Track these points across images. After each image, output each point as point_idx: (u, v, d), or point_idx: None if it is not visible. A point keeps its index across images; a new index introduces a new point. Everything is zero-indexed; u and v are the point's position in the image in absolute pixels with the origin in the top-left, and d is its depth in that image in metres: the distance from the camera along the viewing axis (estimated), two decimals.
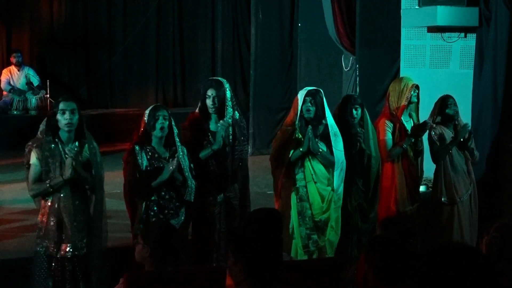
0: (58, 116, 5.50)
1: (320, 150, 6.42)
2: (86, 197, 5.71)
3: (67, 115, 5.48)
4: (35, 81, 13.60)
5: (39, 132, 5.66)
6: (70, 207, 5.58)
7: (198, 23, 14.95)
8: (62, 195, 5.56)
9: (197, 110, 6.52)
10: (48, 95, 12.78)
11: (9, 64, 13.67)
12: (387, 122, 7.11)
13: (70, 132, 5.55)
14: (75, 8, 14.76)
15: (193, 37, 15.08)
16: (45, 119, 5.63)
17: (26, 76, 13.63)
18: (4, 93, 13.54)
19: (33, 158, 5.54)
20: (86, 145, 5.66)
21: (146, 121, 5.96)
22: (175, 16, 15.12)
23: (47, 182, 5.50)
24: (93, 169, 5.67)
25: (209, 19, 14.59)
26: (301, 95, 6.52)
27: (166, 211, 5.98)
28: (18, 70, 13.60)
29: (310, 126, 6.42)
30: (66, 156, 5.47)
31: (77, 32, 14.72)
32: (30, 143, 5.62)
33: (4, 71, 13.65)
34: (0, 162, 10.97)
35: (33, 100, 12.94)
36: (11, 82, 13.59)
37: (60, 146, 5.54)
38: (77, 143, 5.61)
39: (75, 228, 5.59)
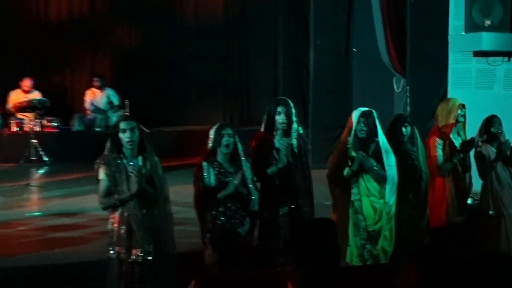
0: (120, 135, 5.57)
1: (373, 167, 6.38)
2: (152, 206, 5.74)
3: (128, 133, 5.55)
4: (115, 100, 13.79)
5: (105, 150, 5.73)
6: (138, 215, 5.63)
7: (262, 48, 14.99)
8: (132, 205, 5.62)
9: (262, 129, 6.53)
10: (128, 114, 12.90)
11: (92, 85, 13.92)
12: (438, 139, 7.06)
13: (132, 148, 5.60)
14: (150, 34, 14.94)
15: (257, 61, 15.14)
16: (109, 138, 5.70)
17: (107, 97, 13.85)
18: (88, 112, 13.78)
19: (102, 174, 5.61)
20: (148, 159, 5.70)
21: (212, 138, 6.01)
22: (241, 41, 15.21)
23: (115, 196, 5.57)
24: (155, 181, 5.71)
25: (272, 44, 14.61)
26: (355, 115, 6.49)
27: (233, 221, 6.00)
28: (100, 91, 13.83)
29: (361, 152, 6.37)
30: (131, 172, 5.52)
31: (152, 55, 14.88)
32: (98, 160, 5.69)
33: (88, 92, 13.89)
34: (84, 173, 11.12)
35: (113, 118, 13.09)
36: (94, 102, 13.82)
37: (124, 161, 5.60)
38: (140, 158, 5.66)
39: (143, 235, 5.63)
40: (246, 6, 15.12)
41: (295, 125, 6.45)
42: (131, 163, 5.59)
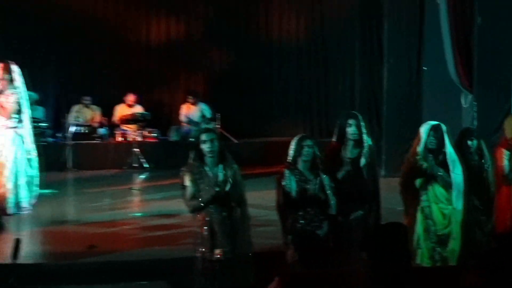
0: (202, 145, 5.64)
1: (439, 173, 6.33)
2: (232, 209, 5.77)
3: (208, 144, 5.63)
4: (208, 114, 13.94)
5: (190, 159, 5.80)
6: (219, 218, 5.69)
7: (340, 66, 14.92)
8: (212, 209, 5.68)
9: (334, 139, 6.54)
10: (219, 126, 13.02)
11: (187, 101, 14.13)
12: (505, 150, 6.97)
13: (213, 157, 5.66)
14: (239, 55, 15.03)
15: (335, 78, 15.07)
16: (193, 148, 5.77)
17: (200, 110, 14.02)
18: (184, 124, 13.98)
19: (187, 181, 5.70)
20: (228, 167, 5.75)
21: (294, 149, 6.02)
22: (320, 60, 15.16)
23: (199, 199, 5.64)
24: (234, 186, 5.75)
25: (349, 63, 14.52)
26: (425, 128, 6.45)
27: (312, 224, 5.99)
28: (194, 106, 14.01)
29: (431, 155, 6.36)
30: (217, 184, 5.57)
31: (240, 74, 14.97)
32: (183, 168, 5.78)
33: (184, 106, 14.10)
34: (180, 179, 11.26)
35: None
36: (189, 116, 14.01)
37: (206, 169, 5.66)
38: (220, 166, 5.70)
39: (224, 236, 5.69)
40: (326, 29, 15.07)
41: (365, 137, 6.42)
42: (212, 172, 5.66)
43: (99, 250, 7.38)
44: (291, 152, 6.04)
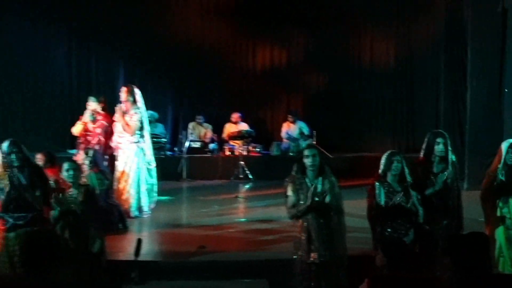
0: (304, 160, 5.65)
1: None
2: (329, 217, 5.73)
3: (310, 159, 5.64)
4: (306, 131, 13.93)
5: (292, 171, 5.80)
6: (317, 225, 5.67)
7: (425, 87, 14.52)
8: (310, 216, 5.64)
9: (422, 155, 6.41)
10: (315, 142, 12.92)
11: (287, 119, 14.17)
12: None
13: (314, 170, 5.65)
14: (334, 77, 14.94)
15: (421, 98, 14.70)
16: (296, 162, 5.77)
17: (299, 128, 14.02)
18: (284, 140, 14.02)
19: (289, 191, 5.73)
20: (327, 179, 5.70)
21: (384, 163, 5.93)
22: (407, 81, 14.84)
23: (297, 208, 5.64)
24: (332, 197, 5.69)
25: (434, 84, 14.15)
26: (505, 145, 6.30)
27: (399, 231, 5.87)
28: (294, 124, 14.03)
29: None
30: (316, 195, 5.53)
31: (335, 94, 14.85)
32: (287, 179, 5.80)
33: (284, 124, 14.12)
34: (280, 189, 11.25)
35: (303, 145, 13.17)
36: (289, 132, 14.05)
37: (307, 180, 5.64)
38: (320, 178, 5.67)
39: (320, 241, 5.65)
40: (413, 52, 14.75)
41: (450, 153, 6.29)
42: (310, 185, 5.63)
43: (208, 250, 7.46)
44: (381, 166, 5.97)
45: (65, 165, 6.26)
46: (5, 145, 6.00)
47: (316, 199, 5.60)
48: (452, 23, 13.11)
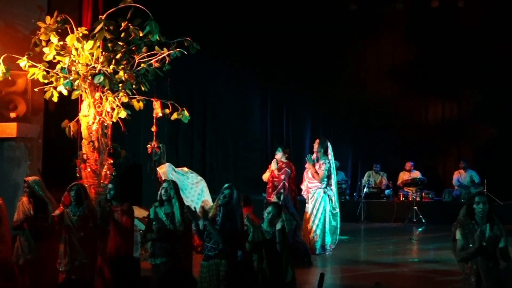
0: (474, 206, 5.43)
1: None
2: (497, 261, 5.39)
3: (481, 206, 5.38)
4: (476, 179, 13.39)
5: (460, 215, 5.58)
6: (486, 268, 5.36)
7: None
8: (479, 259, 5.43)
9: None
10: (485, 190, 12.29)
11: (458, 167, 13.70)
12: None
13: (483, 217, 5.40)
14: (502, 127, 14.14)
15: None
16: (465, 207, 5.54)
17: (470, 176, 13.52)
18: (455, 187, 13.58)
19: (458, 235, 5.48)
20: (495, 226, 5.47)
21: None
22: None
23: (466, 251, 5.40)
24: (504, 243, 5.45)
25: None
26: None
27: None
28: (464, 172, 13.54)
29: None
30: (484, 240, 5.33)
31: (504, 143, 14.09)
32: (455, 223, 5.54)
33: (456, 172, 13.70)
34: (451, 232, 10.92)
35: (474, 192, 12.68)
36: (460, 180, 13.58)
37: (476, 226, 5.46)
38: (488, 224, 5.35)
39: (489, 283, 5.32)
40: None
41: None
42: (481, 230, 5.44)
43: (384, 286, 7.38)
44: None
45: (269, 208, 6.44)
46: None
47: (484, 244, 5.40)
48: None
